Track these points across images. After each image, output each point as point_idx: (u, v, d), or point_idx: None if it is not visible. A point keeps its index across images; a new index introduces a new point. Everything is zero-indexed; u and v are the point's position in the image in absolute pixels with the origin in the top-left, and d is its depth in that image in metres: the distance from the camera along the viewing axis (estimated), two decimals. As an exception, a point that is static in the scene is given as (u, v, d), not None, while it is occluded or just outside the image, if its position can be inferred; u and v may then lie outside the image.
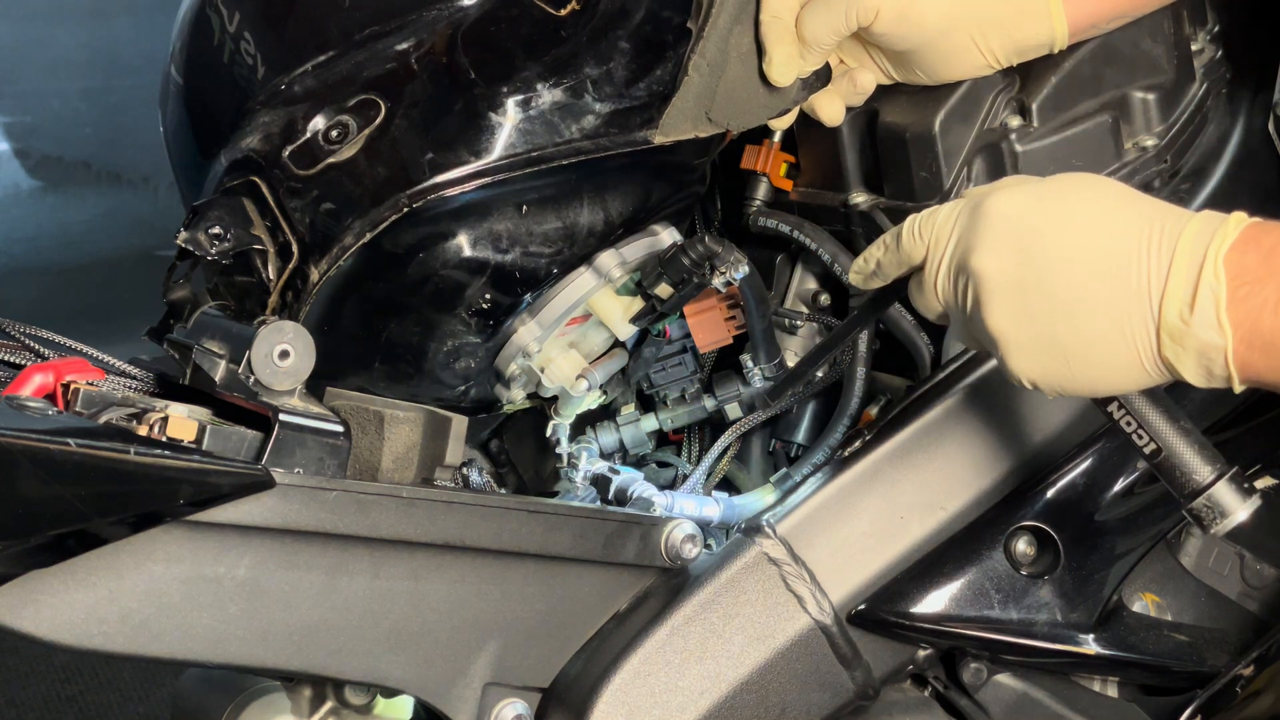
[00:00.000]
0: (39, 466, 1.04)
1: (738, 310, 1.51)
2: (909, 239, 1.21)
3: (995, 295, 1.14)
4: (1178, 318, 1.09)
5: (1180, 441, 1.18)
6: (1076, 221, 1.13)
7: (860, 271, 1.27)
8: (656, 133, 1.35)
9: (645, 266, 1.40)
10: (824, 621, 1.36)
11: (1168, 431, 1.18)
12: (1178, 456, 1.18)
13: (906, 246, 1.21)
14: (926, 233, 1.20)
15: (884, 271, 1.25)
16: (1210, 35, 1.48)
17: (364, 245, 1.31)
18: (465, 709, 1.30)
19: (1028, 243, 1.13)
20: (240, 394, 1.22)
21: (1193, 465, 1.18)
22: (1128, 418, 1.19)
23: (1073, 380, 1.15)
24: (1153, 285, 1.09)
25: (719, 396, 1.53)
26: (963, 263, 1.16)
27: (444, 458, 1.35)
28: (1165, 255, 1.09)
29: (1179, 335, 1.09)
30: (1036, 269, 1.13)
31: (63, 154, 5.88)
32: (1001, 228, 1.14)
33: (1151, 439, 1.18)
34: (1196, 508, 1.18)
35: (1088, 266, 1.11)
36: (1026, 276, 1.13)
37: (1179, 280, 1.08)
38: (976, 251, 1.15)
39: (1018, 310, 1.14)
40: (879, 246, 1.24)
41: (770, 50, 1.36)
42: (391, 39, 1.32)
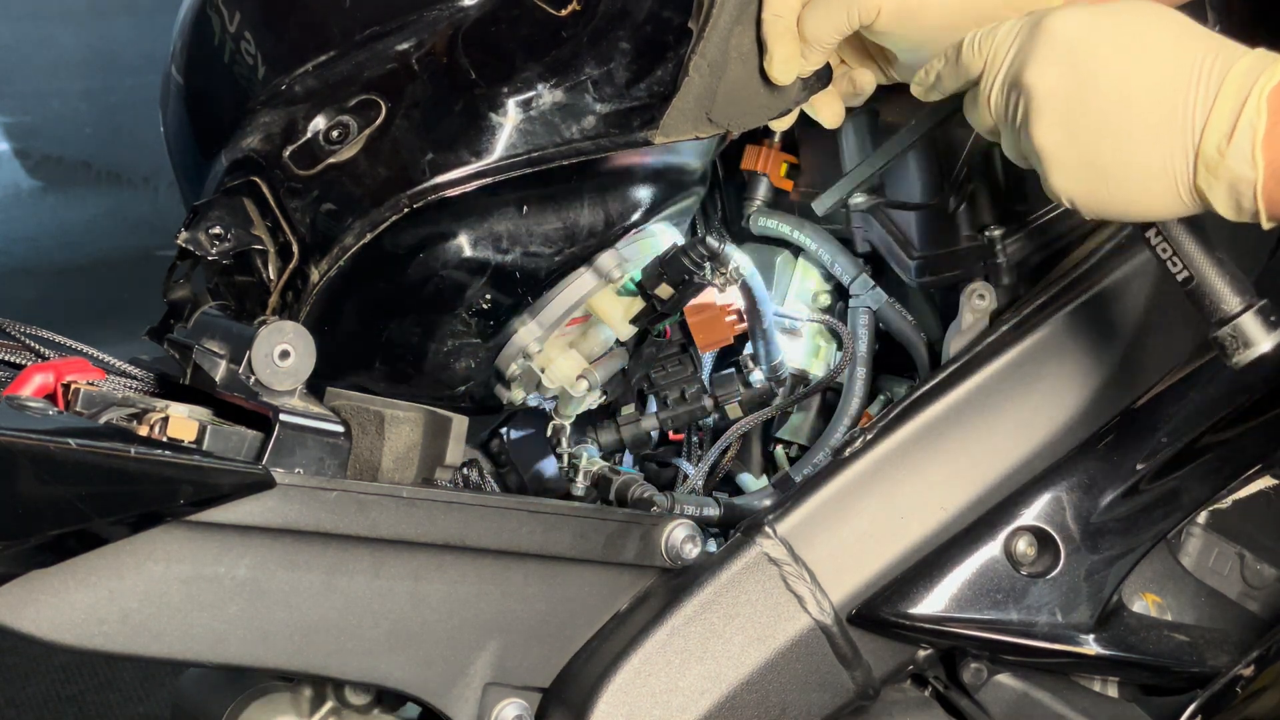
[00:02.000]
0: (39, 466, 1.04)
1: (738, 311, 1.51)
2: (969, 52, 1.23)
3: (1044, 110, 1.16)
4: (1215, 149, 1.11)
5: (1213, 270, 1.21)
6: (1132, 45, 1.15)
7: (921, 84, 1.29)
8: (657, 133, 1.34)
9: (646, 267, 1.40)
10: (824, 621, 1.36)
11: (1202, 260, 1.21)
12: (1209, 284, 1.20)
13: (966, 59, 1.23)
14: (986, 47, 1.22)
15: (943, 84, 1.27)
16: (1210, 35, 1.48)
17: (364, 245, 1.31)
18: (465, 709, 1.30)
19: (1081, 61, 1.15)
20: (240, 394, 1.22)
21: (1223, 294, 1.20)
22: (1164, 244, 1.22)
23: (1109, 201, 1.17)
24: (1196, 115, 1.12)
25: (719, 396, 1.53)
26: (1016, 77, 1.18)
27: (444, 458, 1.35)
28: (1212, 87, 1.12)
29: (1214, 166, 1.11)
30: (1087, 87, 1.15)
31: (63, 154, 5.88)
32: (1057, 44, 1.17)
33: (1185, 266, 1.21)
34: (1222, 336, 1.20)
35: (1137, 89, 1.13)
36: (1076, 93, 1.15)
37: (1221, 113, 1.11)
38: (1030, 66, 1.17)
39: (1064, 126, 1.16)
40: (939, 59, 1.27)
41: (772, 49, 1.36)
42: (392, 39, 1.32)
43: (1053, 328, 1.40)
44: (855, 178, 1.44)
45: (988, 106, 1.22)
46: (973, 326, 1.46)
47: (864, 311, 1.53)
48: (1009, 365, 1.40)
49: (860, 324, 1.52)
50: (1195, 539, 1.48)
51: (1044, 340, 1.40)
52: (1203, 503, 1.43)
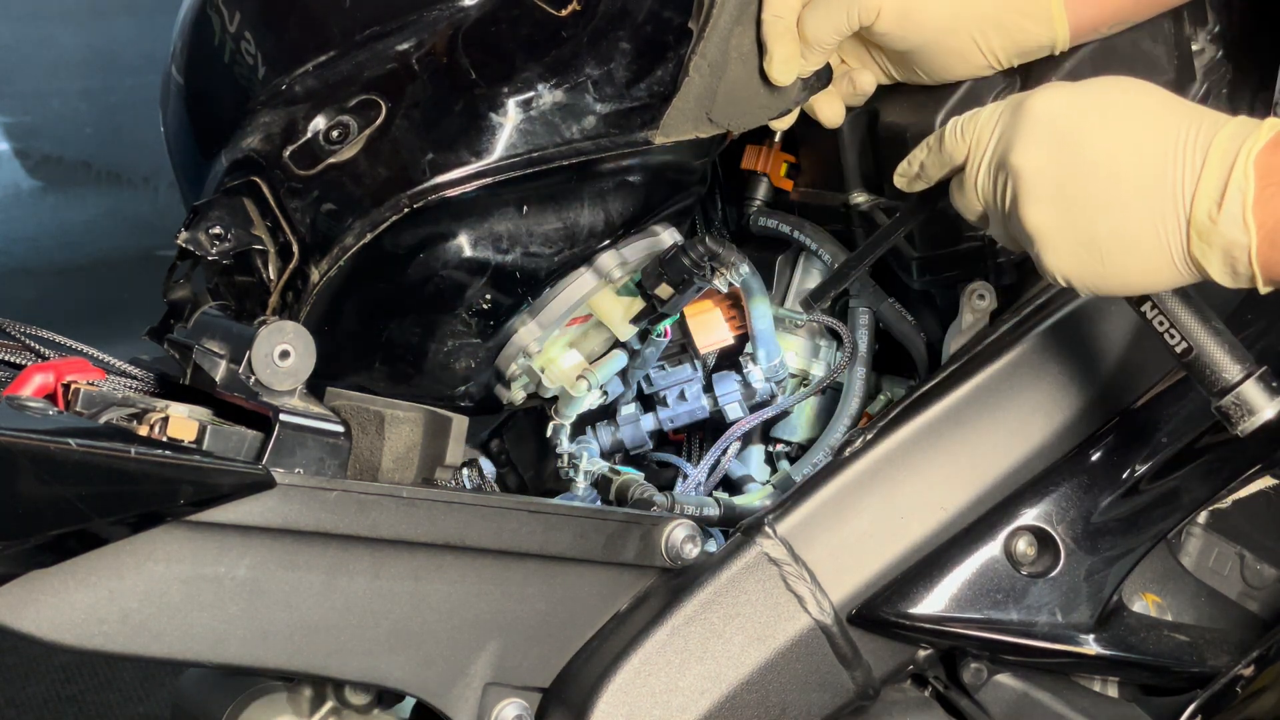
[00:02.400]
0: (39, 466, 1.04)
1: (738, 311, 1.51)
2: (951, 139, 1.24)
3: (1034, 191, 1.17)
4: (1206, 216, 1.11)
5: (1211, 340, 1.20)
6: (1115, 120, 1.16)
7: (904, 174, 1.30)
8: (657, 133, 1.35)
9: (646, 267, 1.40)
10: (824, 621, 1.36)
11: (1199, 330, 1.21)
12: (1208, 355, 1.20)
13: (949, 146, 1.24)
14: (969, 132, 1.22)
15: (927, 173, 1.27)
16: (1211, 35, 1.48)
17: (364, 246, 1.31)
18: (465, 709, 1.30)
19: (1067, 140, 1.16)
20: (241, 394, 1.22)
21: (1223, 363, 1.20)
22: (1160, 317, 1.21)
23: (1105, 277, 1.17)
24: (1185, 184, 1.12)
25: (719, 397, 1.53)
26: (1003, 160, 1.19)
27: (444, 458, 1.35)
28: (1199, 155, 1.12)
29: (1207, 233, 1.11)
30: (1075, 165, 1.15)
31: (63, 154, 5.88)
32: (1042, 125, 1.17)
33: (1183, 338, 1.21)
34: (1225, 405, 1.20)
35: (1124, 164, 1.14)
36: (1065, 173, 1.16)
37: (1210, 179, 1.11)
38: (1016, 148, 1.18)
39: (1055, 206, 1.16)
40: (922, 149, 1.27)
41: (772, 49, 1.36)
42: (392, 39, 1.32)
43: (1053, 328, 1.40)
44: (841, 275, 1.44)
45: (975, 191, 1.22)
46: (973, 326, 1.46)
47: (864, 311, 1.53)
48: (1009, 365, 1.40)
49: (860, 324, 1.52)
50: (1195, 539, 1.48)
51: (1044, 340, 1.40)
52: (1203, 503, 1.43)
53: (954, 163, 1.24)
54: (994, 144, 1.20)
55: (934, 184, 1.28)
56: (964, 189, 1.23)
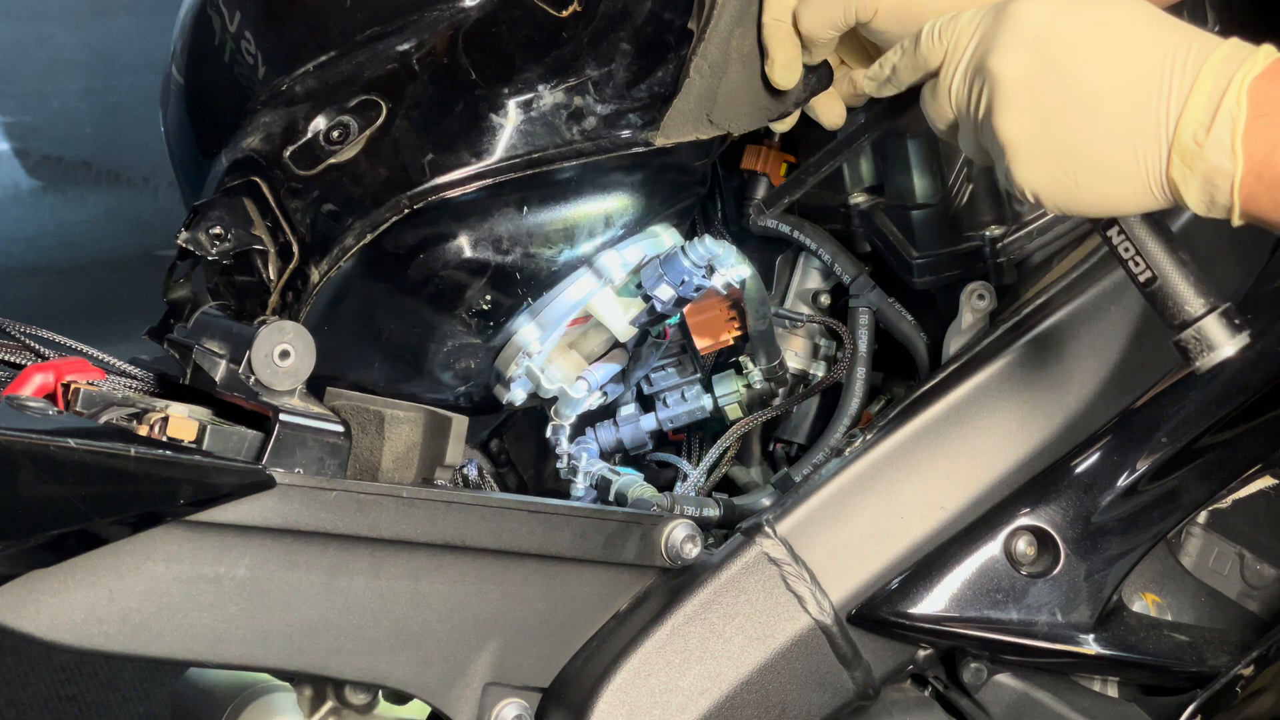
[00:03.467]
0: (39, 466, 1.04)
1: (738, 312, 1.51)
2: (928, 42, 1.19)
3: (1010, 99, 1.12)
4: (1191, 139, 1.07)
5: (1177, 271, 1.16)
6: (1103, 31, 1.11)
7: (875, 78, 1.25)
8: (657, 134, 1.35)
9: (646, 268, 1.40)
10: (824, 621, 1.36)
11: (1165, 260, 1.16)
12: (1172, 285, 1.16)
13: (925, 49, 1.19)
14: (947, 35, 1.18)
15: (899, 77, 1.23)
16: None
17: (365, 246, 1.31)
18: (465, 709, 1.30)
19: (1050, 48, 1.11)
20: (240, 394, 1.22)
21: (1185, 296, 1.15)
22: (1126, 243, 1.17)
23: (1075, 193, 1.13)
24: (1172, 103, 1.08)
25: (719, 397, 1.53)
26: (980, 64, 1.14)
27: (444, 458, 1.35)
28: (1189, 75, 1.08)
29: (1189, 157, 1.07)
30: (1056, 75, 1.11)
31: (63, 154, 5.88)
32: (1025, 31, 1.13)
33: (1148, 266, 1.16)
34: (1185, 339, 1.15)
35: (1109, 77, 1.10)
36: (1044, 81, 1.11)
37: (1199, 101, 1.07)
38: (995, 53, 1.13)
39: (1031, 116, 1.12)
40: (895, 51, 1.23)
41: (773, 53, 1.36)
42: (393, 39, 1.32)
43: (1052, 328, 1.40)
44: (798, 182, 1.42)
45: (948, 97, 1.18)
46: (973, 326, 1.46)
47: (864, 311, 1.53)
48: (1009, 365, 1.40)
49: (860, 324, 1.52)
50: (1195, 539, 1.48)
51: (1044, 340, 1.40)
52: (1203, 503, 1.43)
53: (928, 67, 1.20)
54: (972, 48, 1.16)
55: (904, 89, 1.23)
56: (937, 94, 1.19)
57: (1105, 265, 1.41)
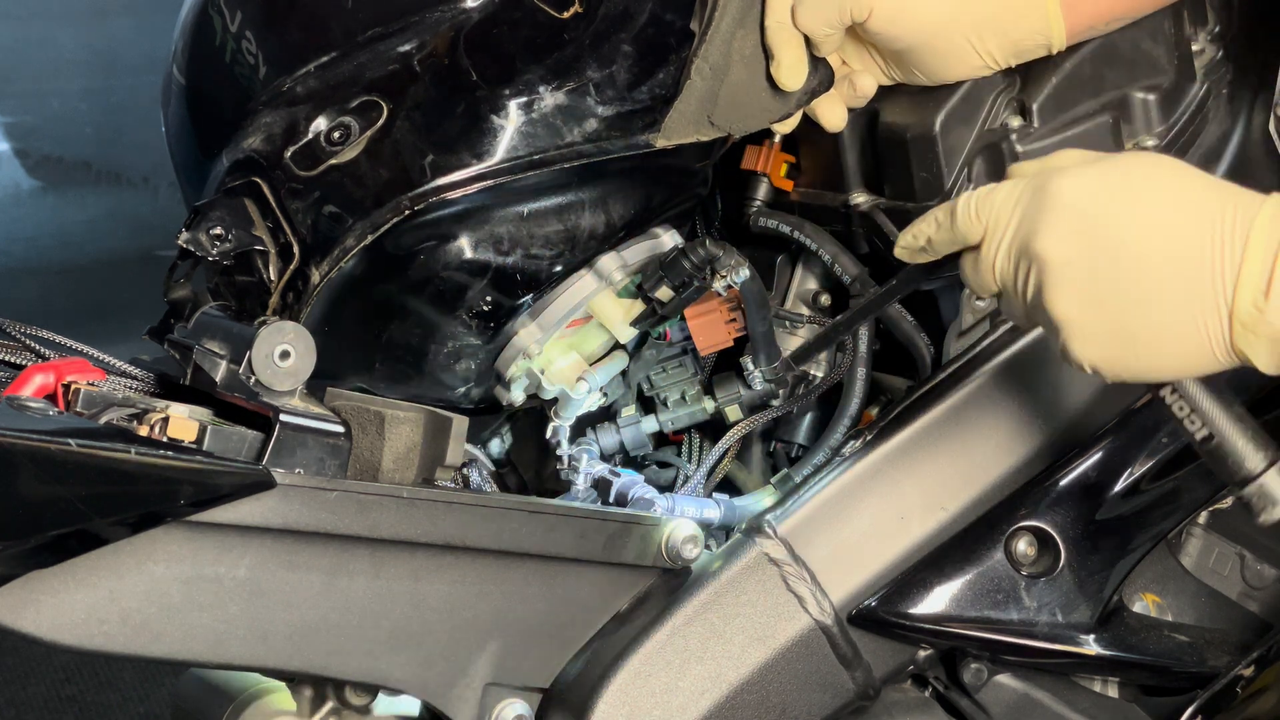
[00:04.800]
0: (40, 467, 1.04)
1: (738, 313, 1.51)
2: (965, 218, 1.19)
3: (1062, 282, 1.13)
4: (1252, 305, 1.07)
5: (1234, 428, 1.17)
6: (1146, 206, 1.11)
7: (908, 247, 1.25)
8: (658, 136, 1.35)
9: (646, 269, 1.40)
10: (824, 622, 1.36)
11: (1221, 417, 1.17)
12: (1230, 443, 1.17)
13: (963, 226, 1.19)
14: (985, 213, 1.17)
15: (934, 248, 1.23)
16: (1211, 35, 1.48)
17: (365, 247, 1.31)
18: (466, 709, 1.30)
19: (1096, 228, 1.11)
20: (241, 394, 1.22)
21: (1245, 453, 1.17)
22: (1181, 402, 1.18)
23: (1137, 366, 1.13)
24: (1226, 272, 1.08)
25: (719, 398, 1.53)
26: (1025, 246, 1.14)
27: (445, 458, 1.35)
28: (1239, 241, 1.08)
29: (1252, 323, 1.08)
30: (1105, 255, 1.11)
31: (63, 154, 5.88)
32: (1068, 212, 1.12)
33: (1205, 424, 1.17)
34: (1248, 494, 1.17)
35: (1159, 253, 1.10)
36: (1094, 262, 1.11)
37: (1253, 266, 1.07)
38: (1041, 236, 1.13)
39: (1085, 297, 1.12)
40: (930, 223, 1.22)
41: (779, 55, 1.36)
42: (394, 40, 1.32)
43: (1053, 328, 1.40)
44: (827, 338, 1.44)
45: (992, 273, 1.18)
46: (973, 327, 1.46)
47: (864, 312, 1.53)
48: (1010, 366, 1.40)
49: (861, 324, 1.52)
50: (1195, 539, 1.49)
51: (1045, 340, 1.40)
52: (1203, 503, 1.43)
53: (967, 242, 1.19)
54: (1014, 227, 1.15)
55: (939, 258, 1.24)
56: (979, 269, 1.19)
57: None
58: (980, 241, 1.18)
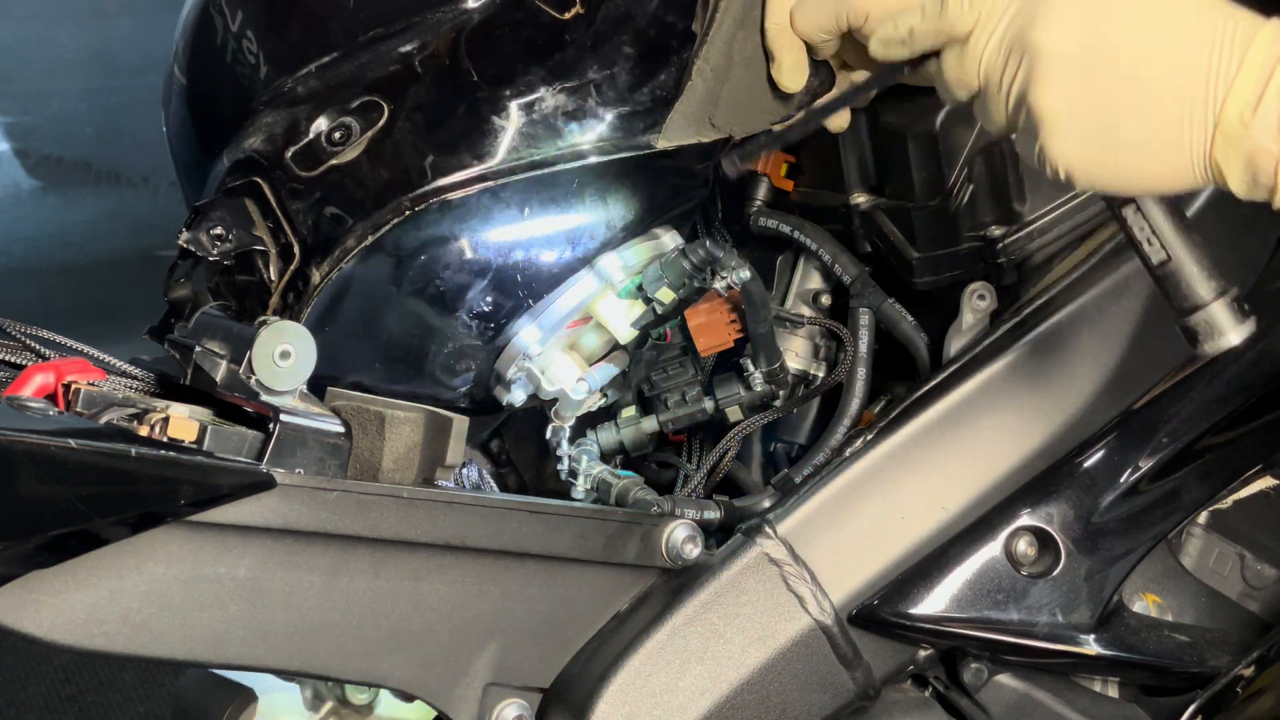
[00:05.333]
0: (40, 467, 1.04)
1: (739, 314, 1.51)
2: (957, 7, 1.16)
3: (1054, 74, 1.11)
4: (1237, 119, 1.06)
5: (1190, 254, 1.16)
6: (1152, 8, 1.10)
7: (887, 39, 1.22)
8: (659, 137, 1.35)
9: (646, 270, 1.40)
10: (825, 622, 1.36)
11: (1179, 242, 1.16)
12: (1185, 268, 1.15)
13: (953, 14, 1.16)
14: (980, 2, 1.15)
15: (915, 41, 1.20)
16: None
17: (366, 247, 1.31)
18: (466, 709, 1.30)
19: (1099, 24, 1.10)
20: (241, 394, 1.22)
21: (1197, 279, 1.15)
22: (1142, 222, 1.16)
23: (1112, 169, 1.11)
24: (1219, 83, 1.07)
25: (719, 399, 1.53)
26: (1020, 36, 1.13)
27: (445, 458, 1.35)
28: (1237, 55, 1.07)
29: (1234, 137, 1.07)
30: (1103, 52, 1.10)
31: (63, 154, 5.88)
32: (1071, 4, 1.11)
33: (1162, 247, 1.16)
34: (1193, 322, 1.15)
35: (1157, 56, 1.08)
36: (1090, 57, 1.10)
37: (1246, 81, 1.06)
38: (1039, 26, 1.11)
39: (1075, 92, 1.10)
40: (915, 13, 1.19)
41: (779, 57, 1.36)
42: (395, 41, 1.32)
43: (1053, 328, 1.40)
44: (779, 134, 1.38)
45: (977, 65, 1.16)
46: (973, 327, 1.46)
47: (864, 312, 1.52)
48: (1009, 365, 1.40)
49: (861, 324, 1.52)
50: (1195, 539, 1.49)
51: (1044, 340, 1.40)
52: (1203, 503, 1.43)
53: (954, 33, 1.17)
54: (1010, 16, 1.13)
55: (918, 54, 1.20)
56: (964, 61, 1.16)
57: (1106, 265, 1.41)
58: (969, 33, 1.16)
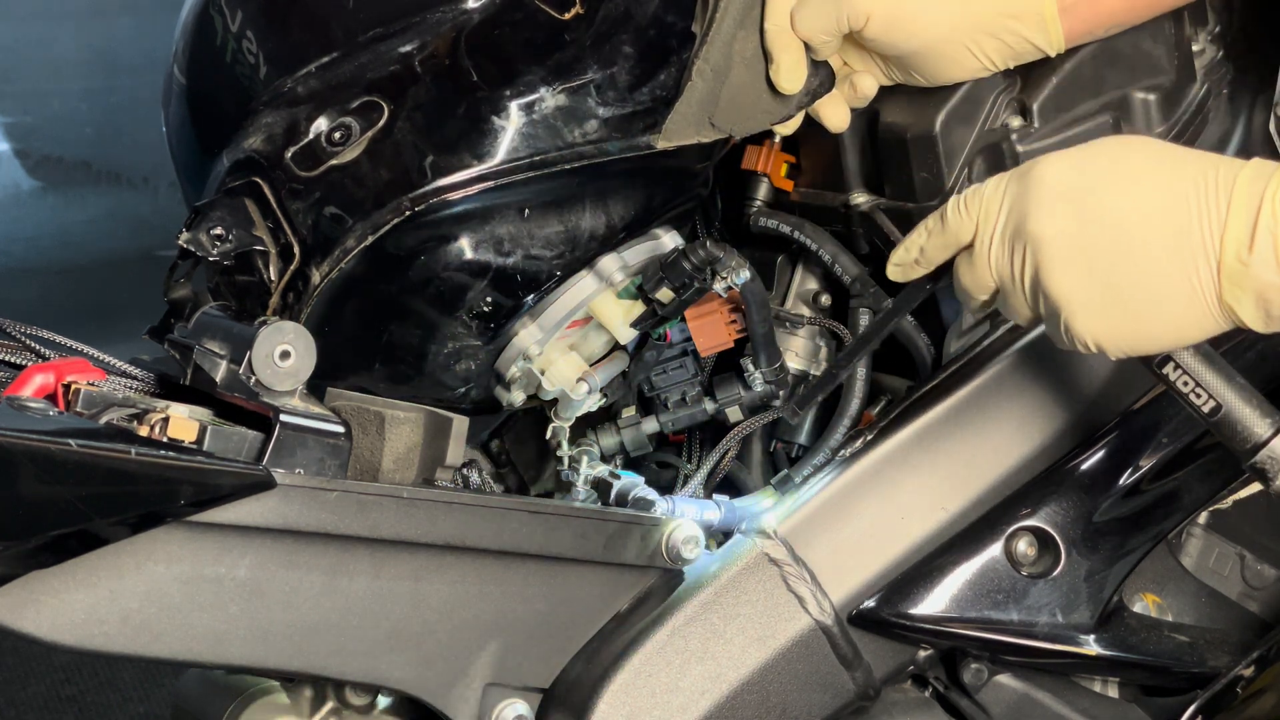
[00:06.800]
0: (40, 467, 1.04)
1: (739, 314, 1.51)
2: (955, 217, 1.21)
3: (1058, 257, 1.15)
4: (1236, 259, 1.10)
5: (1238, 397, 1.19)
6: (1130, 176, 1.14)
7: (902, 263, 1.27)
8: (659, 137, 1.35)
9: (647, 270, 1.40)
10: (825, 622, 1.36)
11: (1225, 388, 1.19)
12: (1237, 411, 1.19)
13: (954, 225, 1.22)
14: (974, 208, 1.20)
15: (928, 257, 1.25)
16: (1211, 36, 1.48)
17: (366, 248, 1.31)
18: (466, 709, 1.30)
19: (1084, 202, 1.15)
20: (241, 394, 1.22)
21: (1252, 420, 1.19)
22: (1185, 377, 1.20)
23: (1139, 334, 1.16)
24: (1211, 229, 1.11)
25: (720, 399, 1.53)
26: (1018, 230, 1.17)
27: (444, 458, 1.35)
28: (1223, 200, 1.11)
29: (1238, 277, 1.10)
30: (1096, 226, 1.14)
31: (63, 154, 5.88)
32: (1055, 190, 1.16)
33: (1210, 396, 1.19)
34: (1260, 461, 1.19)
35: (1147, 219, 1.13)
36: (1087, 234, 1.14)
37: (1237, 223, 1.10)
38: (1033, 216, 1.16)
39: (1081, 270, 1.15)
40: (920, 233, 1.25)
41: (777, 58, 1.36)
42: (395, 41, 1.32)
43: (1053, 328, 1.40)
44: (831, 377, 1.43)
45: (988, 266, 1.20)
46: (974, 327, 1.46)
47: (865, 312, 1.52)
48: (1009, 366, 1.40)
49: (860, 324, 1.52)
50: (1196, 539, 1.49)
51: (1044, 340, 1.40)
52: (1203, 503, 1.44)
53: (960, 241, 1.22)
54: (1005, 215, 1.18)
55: (935, 268, 1.26)
56: (974, 265, 1.21)
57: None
58: (973, 238, 1.21)
